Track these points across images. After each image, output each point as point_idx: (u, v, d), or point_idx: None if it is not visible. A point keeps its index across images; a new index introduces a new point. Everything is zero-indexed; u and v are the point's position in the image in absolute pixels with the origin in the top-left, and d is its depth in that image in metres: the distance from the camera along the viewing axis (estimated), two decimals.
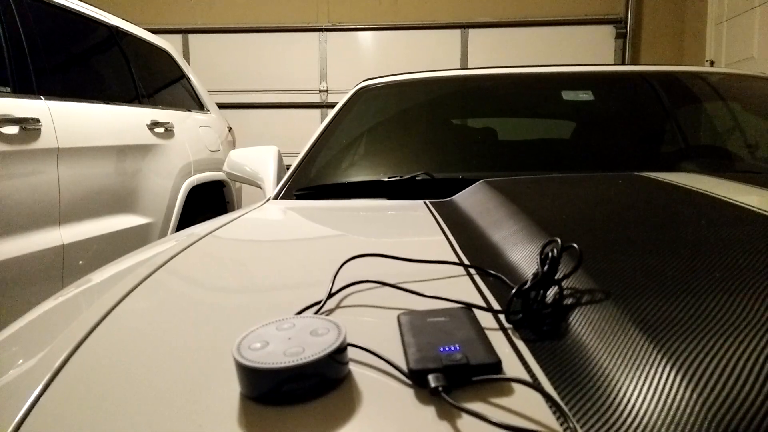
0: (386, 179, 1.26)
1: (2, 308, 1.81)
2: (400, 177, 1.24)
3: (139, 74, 2.88)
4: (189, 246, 0.83)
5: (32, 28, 2.13)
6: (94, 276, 0.76)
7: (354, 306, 0.57)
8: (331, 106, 6.18)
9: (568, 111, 1.63)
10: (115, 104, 2.55)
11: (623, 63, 5.94)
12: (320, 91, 6.26)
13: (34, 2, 2.19)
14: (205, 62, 6.26)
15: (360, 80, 1.88)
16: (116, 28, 2.81)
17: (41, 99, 2.05)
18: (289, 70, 6.24)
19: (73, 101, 2.24)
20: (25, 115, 1.92)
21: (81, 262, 2.16)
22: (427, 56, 6.13)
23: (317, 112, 6.29)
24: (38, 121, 1.97)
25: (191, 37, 6.29)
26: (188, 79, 3.49)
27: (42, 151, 1.98)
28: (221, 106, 6.06)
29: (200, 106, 3.52)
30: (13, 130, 1.87)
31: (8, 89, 1.94)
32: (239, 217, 1.07)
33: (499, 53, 6.08)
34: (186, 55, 6.24)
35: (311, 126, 6.19)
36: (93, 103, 2.37)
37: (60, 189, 2.07)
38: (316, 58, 6.20)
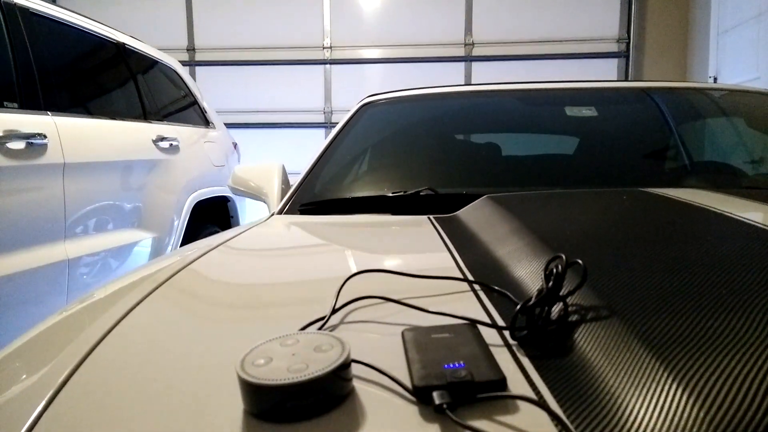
0: (390, 194, 1.26)
1: (7, 323, 1.81)
2: (404, 192, 1.24)
3: (145, 90, 2.91)
4: (193, 261, 0.83)
5: (40, 45, 2.15)
6: (98, 291, 0.76)
7: (358, 322, 0.56)
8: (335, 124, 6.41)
9: (571, 127, 1.63)
10: (121, 120, 2.57)
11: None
12: (324, 112, 6.41)
13: (42, 19, 2.22)
14: (212, 92, 6.46)
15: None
16: (123, 45, 2.84)
17: (48, 115, 2.07)
18: (294, 100, 6.44)
19: (79, 117, 2.26)
20: (31, 131, 1.94)
21: (85, 276, 2.17)
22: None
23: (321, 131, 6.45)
24: (45, 136, 1.98)
25: (198, 69, 6.52)
26: (193, 95, 3.52)
27: (48, 166, 1.99)
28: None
29: (205, 122, 3.54)
30: (19, 145, 1.89)
31: (15, 105, 1.96)
32: (243, 232, 1.07)
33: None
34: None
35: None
36: (99, 118, 2.39)
37: (65, 204, 2.08)
38: (321, 87, 6.39)
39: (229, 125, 6.55)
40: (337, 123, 1.72)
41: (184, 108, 3.35)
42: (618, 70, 6.19)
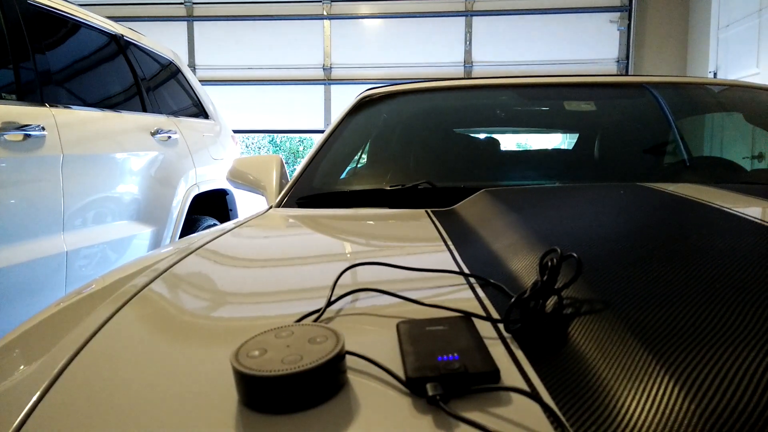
0: (388, 188, 1.26)
1: (6, 314, 1.81)
2: (402, 186, 1.24)
3: (143, 82, 2.90)
4: (190, 254, 0.83)
5: (38, 37, 2.14)
6: (95, 283, 0.76)
7: (353, 314, 0.57)
8: (335, 81, 6.47)
9: (570, 122, 1.63)
10: (119, 112, 2.57)
11: (628, 47, 6.12)
12: (324, 68, 6.43)
13: (40, 11, 2.21)
14: (212, 46, 6.48)
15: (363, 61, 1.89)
16: (121, 37, 2.83)
17: (46, 107, 2.06)
18: (294, 56, 6.51)
19: (77, 109, 2.25)
20: (29, 123, 1.93)
21: (84, 269, 2.17)
22: (429, 43, 6.37)
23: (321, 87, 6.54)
24: (43, 128, 1.98)
25: (196, 24, 6.52)
26: (192, 87, 3.51)
27: (46, 159, 1.99)
28: (229, 81, 6.23)
29: (204, 115, 3.54)
30: (17, 137, 1.88)
31: (14, 97, 1.95)
32: (241, 224, 1.07)
33: (502, 40, 6.31)
34: (191, 41, 6.46)
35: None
36: (97, 110, 2.39)
37: (64, 196, 2.08)
38: (320, 43, 6.45)
39: (228, 82, 6.62)
40: (336, 79, 1.73)
41: (183, 100, 3.34)
42: (619, 36, 6.20)
